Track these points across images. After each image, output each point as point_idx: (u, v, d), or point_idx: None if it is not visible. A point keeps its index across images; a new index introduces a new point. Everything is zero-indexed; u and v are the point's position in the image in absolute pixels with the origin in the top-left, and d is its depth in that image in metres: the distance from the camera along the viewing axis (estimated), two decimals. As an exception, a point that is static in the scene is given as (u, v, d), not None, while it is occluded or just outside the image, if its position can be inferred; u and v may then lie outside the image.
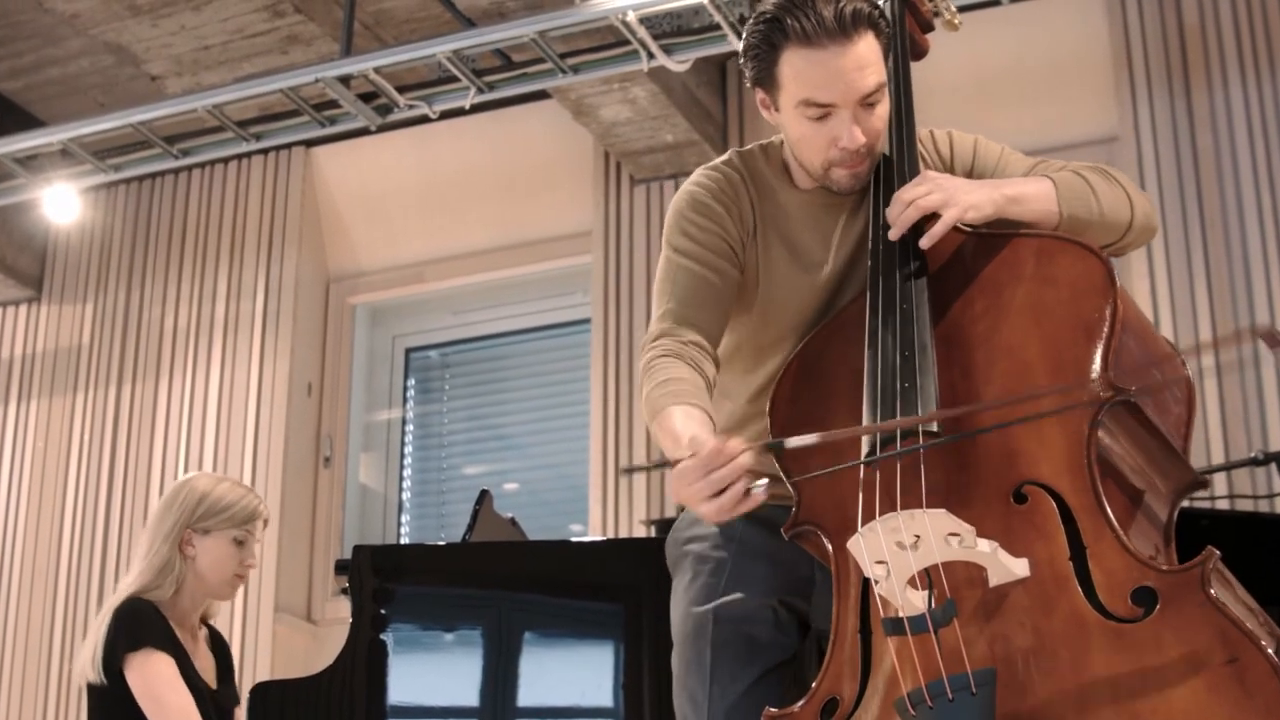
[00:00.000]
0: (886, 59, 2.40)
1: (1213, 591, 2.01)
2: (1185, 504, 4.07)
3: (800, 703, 2.24)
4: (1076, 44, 5.63)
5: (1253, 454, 4.05)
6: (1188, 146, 5.35)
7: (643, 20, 5.11)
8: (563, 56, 5.36)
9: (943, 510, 2.09)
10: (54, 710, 6.36)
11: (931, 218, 2.36)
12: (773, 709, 2.26)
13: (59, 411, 6.78)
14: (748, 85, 2.51)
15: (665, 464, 2.17)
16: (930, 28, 2.68)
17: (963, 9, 5.29)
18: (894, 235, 2.38)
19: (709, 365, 2.40)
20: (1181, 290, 5.24)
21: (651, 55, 5.21)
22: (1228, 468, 4.58)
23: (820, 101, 2.36)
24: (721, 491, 2.08)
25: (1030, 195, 2.40)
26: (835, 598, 2.27)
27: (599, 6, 5.09)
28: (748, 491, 2.10)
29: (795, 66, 2.36)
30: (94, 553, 6.49)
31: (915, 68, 2.60)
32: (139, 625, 3.37)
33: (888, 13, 2.49)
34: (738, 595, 2.45)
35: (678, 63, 5.26)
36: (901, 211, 2.36)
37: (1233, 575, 2.18)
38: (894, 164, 2.47)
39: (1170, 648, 2.00)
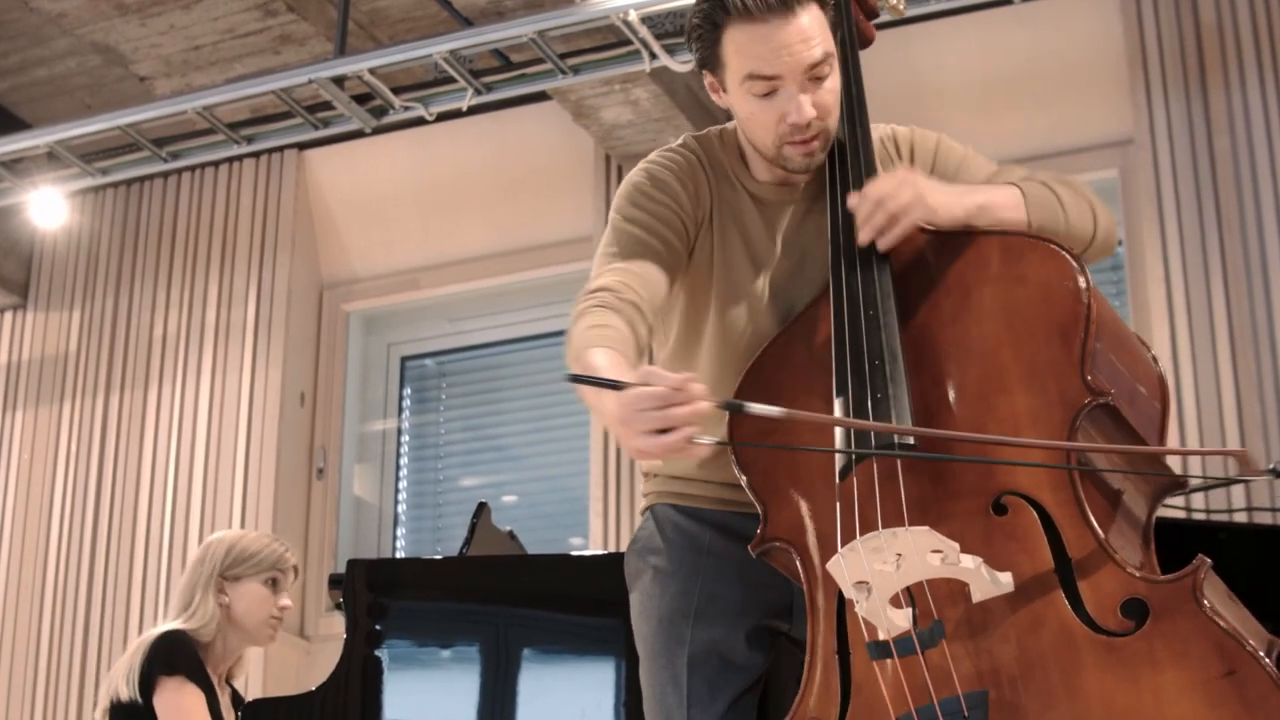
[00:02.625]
0: (835, 34, 2.37)
1: (1206, 602, 1.96)
2: (1202, 517, 4.02)
3: None
4: (1090, 44, 5.63)
5: (1271, 465, 4.01)
6: (1204, 149, 5.36)
7: (644, 19, 5.10)
8: (562, 57, 5.36)
9: (926, 528, 2.05)
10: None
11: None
12: None
13: (45, 421, 6.75)
14: (695, 70, 2.49)
15: (610, 382, 1.99)
16: (876, 14, 2.63)
17: (974, 9, 5.34)
18: (864, 239, 2.32)
19: (643, 329, 2.29)
20: (1198, 294, 5.23)
21: (654, 55, 5.20)
22: (1245, 480, 4.54)
23: (764, 74, 2.32)
24: (665, 431, 1.94)
25: (999, 204, 2.36)
26: (809, 616, 2.21)
27: (599, 5, 5.09)
28: (690, 441, 1.95)
29: (738, 42, 2.33)
30: (81, 564, 6.47)
31: (924, 70, 2.51)
32: (178, 652, 3.56)
33: None
34: (712, 614, 2.38)
35: (681, 63, 5.24)
36: (871, 212, 2.31)
37: (1225, 584, 2.11)
38: (848, 156, 2.43)
39: (1165, 662, 1.95)
